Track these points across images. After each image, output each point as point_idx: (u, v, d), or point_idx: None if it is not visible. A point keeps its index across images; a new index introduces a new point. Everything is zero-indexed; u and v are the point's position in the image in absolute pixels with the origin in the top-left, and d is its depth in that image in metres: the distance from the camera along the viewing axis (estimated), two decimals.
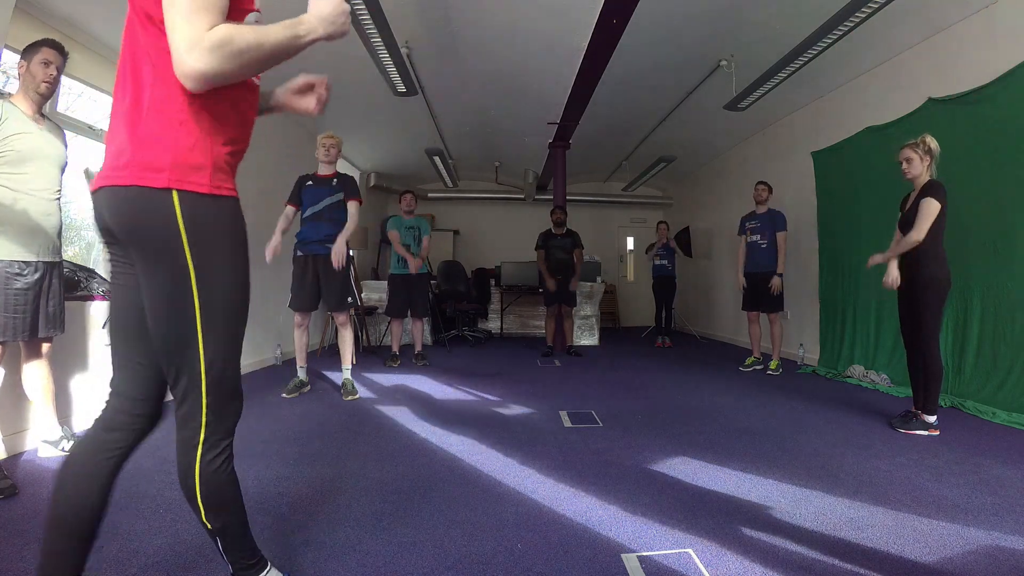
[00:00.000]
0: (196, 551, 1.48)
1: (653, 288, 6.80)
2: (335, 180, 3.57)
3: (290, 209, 3.52)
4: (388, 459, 2.29)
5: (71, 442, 2.25)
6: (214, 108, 1.03)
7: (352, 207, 3.59)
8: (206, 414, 1.09)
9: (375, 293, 6.58)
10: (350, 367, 3.60)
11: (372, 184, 7.97)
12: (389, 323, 5.79)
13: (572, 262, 5.66)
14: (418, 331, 5.07)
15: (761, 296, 4.68)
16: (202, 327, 1.04)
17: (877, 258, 2.93)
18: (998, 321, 3.22)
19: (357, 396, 3.47)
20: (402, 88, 4.41)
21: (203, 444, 1.10)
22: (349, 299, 3.58)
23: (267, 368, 4.59)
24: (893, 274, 2.79)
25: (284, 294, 4.87)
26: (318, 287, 3.48)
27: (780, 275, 4.58)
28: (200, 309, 1.03)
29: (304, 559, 1.45)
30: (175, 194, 0.99)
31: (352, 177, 3.67)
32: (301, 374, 3.57)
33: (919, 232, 2.66)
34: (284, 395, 3.44)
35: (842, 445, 2.54)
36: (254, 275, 1.15)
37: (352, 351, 3.64)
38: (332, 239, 3.46)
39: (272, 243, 3.33)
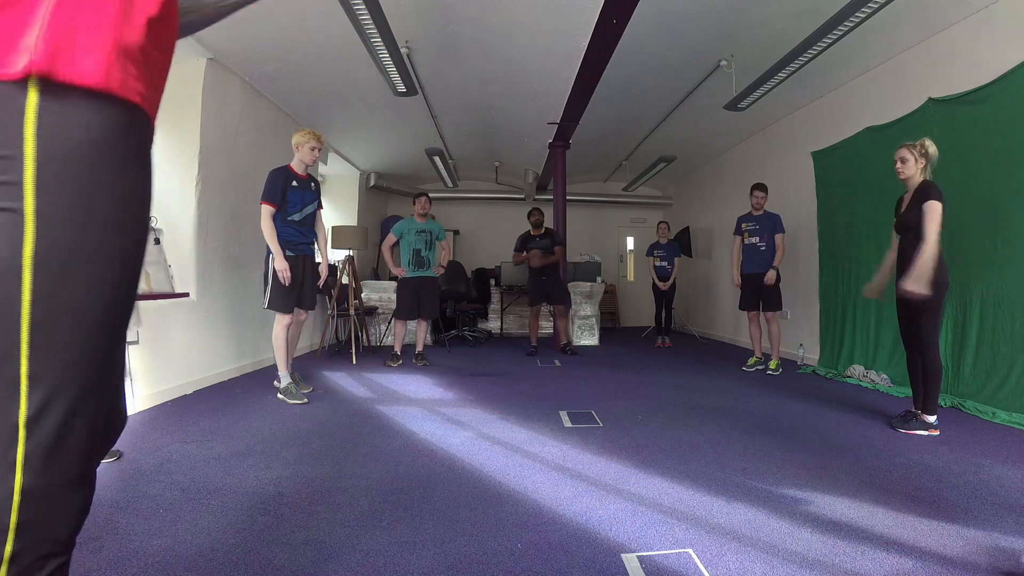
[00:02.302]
0: (196, 551, 1.48)
1: (653, 288, 6.80)
2: (313, 184, 3.56)
3: (272, 210, 3.32)
4: (388, 459, 2.29)
5: None
6: None
7: (321, 215, 3.67)
8: (17, 509, 0.56)
9: (375, 293, 6.58)
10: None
11: (372, 184, 7.97)
12: (391, 322, 5.81)
13: (555, 262, 5.67)
14: (422, 331, 5.07)
15: (760, 296, 4.71)
16: (30, 335, 0.56)
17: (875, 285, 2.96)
18: (998, 321, 3.22)
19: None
20: (402, 88, 4.41)
21: (6, 567, 0.56)
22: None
23: (268, 367, 4.59)
24: (913, 287, 2.62)
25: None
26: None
27: (775, 268, 4.66)
28: (32, 302, 0.56)
29: (304, 559, 1.45)
30: (33, 90, 0.55)
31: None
32: (286, 381, 3.44)
33: (932, 238, 2.60)
34: (293, 403, 3.32)
35: (842, 445, 2.54)
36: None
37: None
38: (312, 241, 3.57)
39: (284, 264, 3.28)
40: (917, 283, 2.60)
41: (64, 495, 0.60)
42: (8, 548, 0.56)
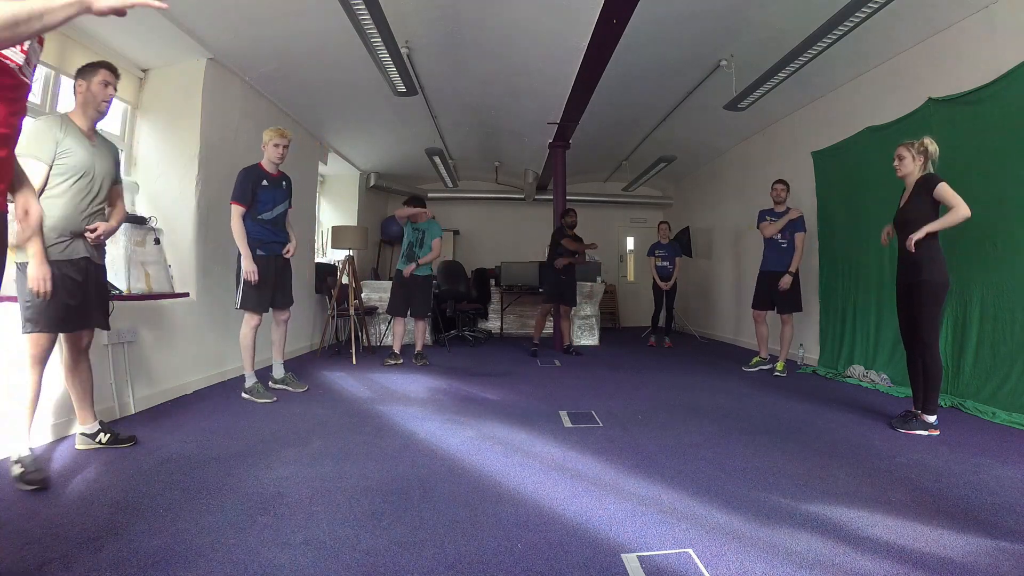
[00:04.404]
0: (196, 552, 1.48)
1: (653, 288, 6.78)
2: (284, 182, 3.53)
3: (242, 210, 3.28)
4: (388, 459, 2.29)
5: (107, 435, 2.37)
6: None
7: (290, 216, 3.64)
8: None
9: (375, 293, 6.58)
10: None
11: (372, 184, 7.97)
12: (391, 322, 5.80)
13: (574, 263, 5.71)
14: (420, 331, 5.08)
15: (776, 296, 4.65)
16: None
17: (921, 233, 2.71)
18: (998, 321, 3.22)
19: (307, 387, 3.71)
20: (402, 88, 4.40)
21: None
22: None
23: (267, 367, 4.59)
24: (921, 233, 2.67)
25: None
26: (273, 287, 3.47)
27: (791, 273, 4.56)
28: None
29: (304, 559, 1.45)
30: None
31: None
32: (252, 380, 3.44)
33: (963, 206, 2.62)
34: (261, 402, 3.34)
35: (842, 445, 2.54)
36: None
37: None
38: (285, 240, 3.53)
39: (252, 267, 3.24)
40: (929, 228, 2.66)
41: None
42: None
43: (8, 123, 1.08)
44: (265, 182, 3.39)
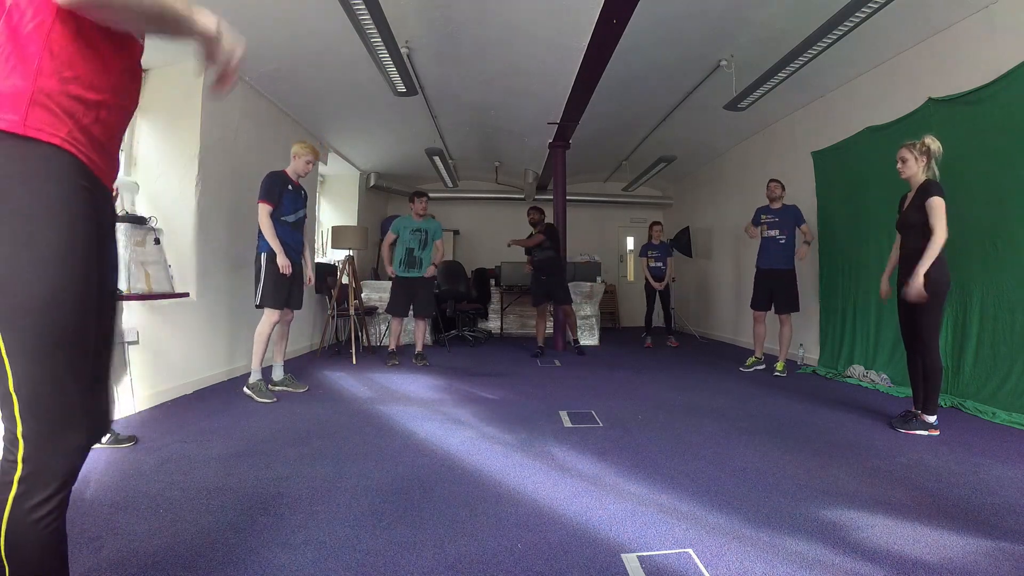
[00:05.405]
0: (196, 552, 1.48)
1: (645, 288, 6.77)
2: (303, 192, 3.71)
3: (270, 209, 3.43)
4: (388, 459, 2.29)
5: (108, 435, 2.33)
6: (65, 33, 0.80)
7: (306, 225, 3.82)
8: (23, 446, 0.80)
9: (375, 293, 6.58)
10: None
11: (372, 184, 7.97)
12: (390, 322, 5.81)
13: (557, 258, 5.65)
14: (420, 331, 5.07)
15: (776, 295, 4.64)
16: None
17: (885, 286, 3.10)
18: (998, 321, 3.22)
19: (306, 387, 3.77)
20: (402, 88, 4.40)
21: (19, 482, 0.80)
22: None
23: (267, 367, 4.58)
24: (918, 283, 2.64)
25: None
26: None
27: (807, 243, 4.66)
28: None
29: (304, 559, 1.45)
30: None
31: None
32: (256, 377, 3.52)
33: (941, 231, 2.64)
34: (261, 401, 3.39)
35: (842, 445, 2.54)
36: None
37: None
38: (302, 243, 3.68)
39: (285, 261, 3.40)
40: (915, 278, 2.64)
41: (53, 437, 0.82)
42: (20, 466, 0.79)
43: (137, 100, 0.99)
44: (290, 187, 3.57)
